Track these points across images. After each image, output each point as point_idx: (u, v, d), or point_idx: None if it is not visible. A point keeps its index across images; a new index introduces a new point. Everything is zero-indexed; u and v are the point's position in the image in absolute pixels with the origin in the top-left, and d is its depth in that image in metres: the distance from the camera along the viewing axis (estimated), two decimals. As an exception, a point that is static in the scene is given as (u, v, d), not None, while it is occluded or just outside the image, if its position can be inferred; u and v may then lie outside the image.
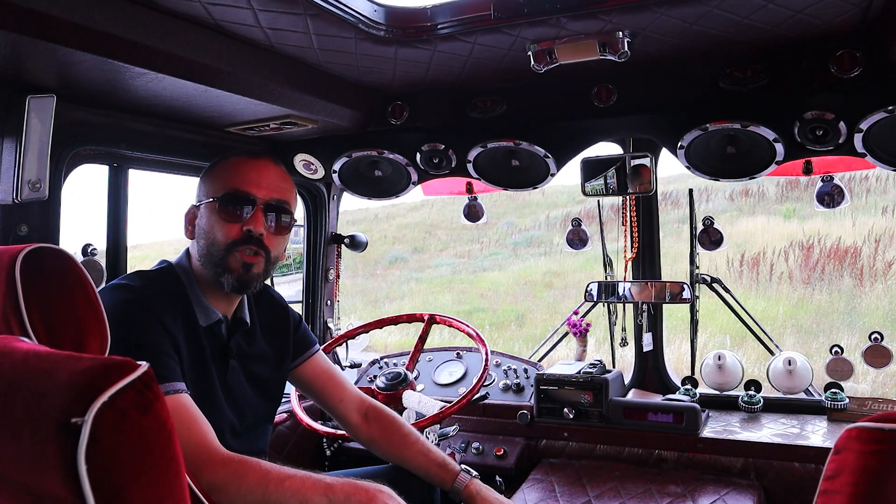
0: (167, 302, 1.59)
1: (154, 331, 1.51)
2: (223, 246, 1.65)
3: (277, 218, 1.72)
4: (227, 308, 1.75)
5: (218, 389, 1.68)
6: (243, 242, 1.66)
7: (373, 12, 1.72)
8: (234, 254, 1.65)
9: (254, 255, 1.67)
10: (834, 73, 1.89)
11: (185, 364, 1.58)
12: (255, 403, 1.80)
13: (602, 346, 5.57)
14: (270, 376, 1.86)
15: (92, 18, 1.39)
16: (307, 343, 1.97)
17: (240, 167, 1.71)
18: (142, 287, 1.58)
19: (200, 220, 1.71)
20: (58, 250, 1.06)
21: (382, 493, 1.42)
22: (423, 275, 15.42)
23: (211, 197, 1.69)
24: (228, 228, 1.66)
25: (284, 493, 1.36)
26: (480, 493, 1.81)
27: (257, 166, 1.71)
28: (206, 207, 1.70)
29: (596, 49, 1.80)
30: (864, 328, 8.51)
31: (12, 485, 0.78)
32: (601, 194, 2.46)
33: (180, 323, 1.60)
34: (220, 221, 1.66)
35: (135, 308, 1.52)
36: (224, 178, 1.70)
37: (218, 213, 1.67)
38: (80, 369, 0.72)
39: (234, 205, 1.67)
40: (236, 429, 1.72)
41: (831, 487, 0.81)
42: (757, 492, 2.13)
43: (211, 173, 1.74)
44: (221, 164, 1.74)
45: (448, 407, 2.19)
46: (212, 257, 1.66)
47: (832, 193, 2.38)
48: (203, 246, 1.69)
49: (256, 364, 1.82)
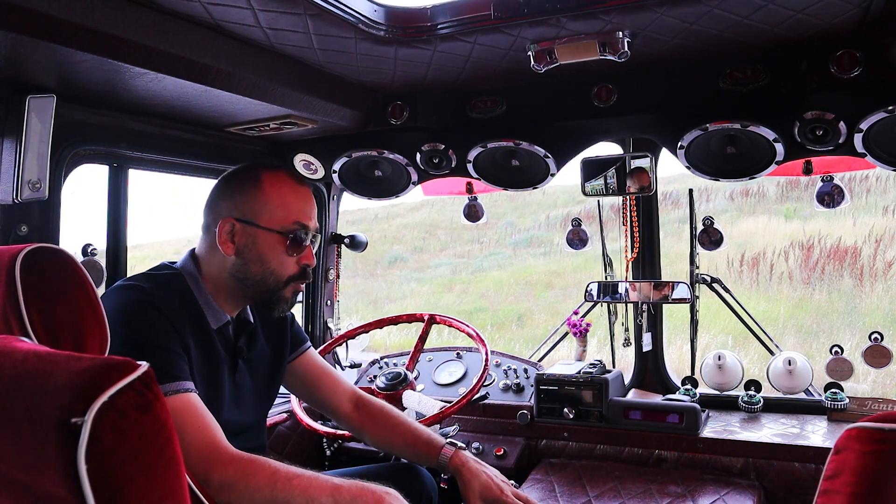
0: (176, 305, 1.60)
1: (164, 330, 1.52)
2: (284, 280, 1.69)
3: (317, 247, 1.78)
4: (234, 309, 1.76)
5: (226, 389, 1.70)
6: (301, 277, 1.71)
7: (373, 12, 1.72)
8: (290, 286, 1.71)
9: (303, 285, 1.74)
10: (834, 73, 1.89)
11: (195, 365, 1.59)
12: (258, 400, 1.83)
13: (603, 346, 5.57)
14: (272, 373, 1.88)
15: (92, 18, 1.39)
16: (300, 338, 1.99)
17: (297, 197, 1.71)
18: (152, 288, 1.58)
19: (251, 243, 1.66)
20: (58, 250, 1.06)
21: (389, 495, 1.42)
22: (423, 275, 15.41)
23: (272, 228, 1.66)
24: (290, 262, 1.69)
25: (292, 492, 1.37)
26: (466, 464, 1.80)
27: (305, 195, 1.73)
28: (265, 235, 1.66)
29: (596, 49, 1.80)
30: (864, 328, 8.51)
31: (12, 485, 0.78)
32: (601, 194, 2.46)
33: (189, 325, 1.60)
34: (285, 255, 1.68)
35: (145, 308, 1.52)
36: (285, 208, 1.68)
37: (284, 248, 1.68)
38: (80, 369, 0.73)
39: (300, 242, 1.69)
40: (240, 426, 1.73)
41: (831, 487, 0.81)
42: (757, 492, 2.13)
43: (259, 191, 1.67)
44: (275, 187, 1.69)
45: (448, 407, 2.19)
46: (266, 285, 1.68)
47: (832, 193, 2.38)
48: (257, 272, 1.67)
49: (260, 362, 1.84)
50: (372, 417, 1.95)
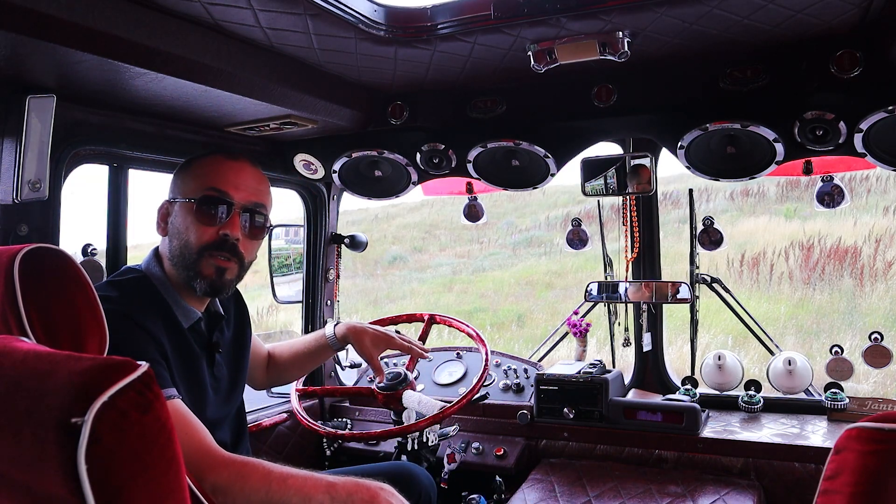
0: (147, 308, 1.57)
1: (139, 339, 1.50)
2: (196, 249, 1.62)
3: (253, 221, 1.70)
4: (201, 305, 1.74)
5: (208, 385, 1.69)
6: (217, 247, 1.63)
7: (373, 12, 1.72)
8: (207, 258, 1.63)
9: (227, 260, 1.65)
10: (834, 73, 1.89)
11: (174, 367, 1.57)
12: (235, 389, 1.83)
13: (603, 346, 5.57)
14: (242, 358, 1.90)
15: (92, 18, 1.39)
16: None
17: (219, 167, 1.68)
18: (119, 296, 1.55)
19: (174, 219, 1.67)
20: (57, 250, 1.06)
21: (384, 491, 1.42)
22: (423, 275, 15.41)
23: (187, 196, 1.65)
24: (203, 231, 1.63)
25: (287, 492, 1.37)
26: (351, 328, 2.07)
27: (235, 167, 1.69)
28: (182, 207, 1.65)
29: (596, 49, 1.80)
30: (864, 328, 8.51)
31: (12, 485, 0.78)
32: (601, 194, 2.46)
33: (163, 327, 1.58)
34: (196, 223, 1.63)
35: (116, 318, 1.46)
36: (201, 178, 1.66)
37: (194, 215, 1.63)
38: (80, 369, 0.73)
39: (211, 207, 1.63)
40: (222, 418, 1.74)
41: (831, 487, 0.81)
42: (757, 492, 2.13)
43: (188, 170, 1.71)
44: (199, 162, 1.71)
45: (448, 407, 2.19)
46: (184, 259, 1.63)
47: (832, 193, 2.38)
48: (176, 247, 1.65)
49: (233, 351, 1.85)
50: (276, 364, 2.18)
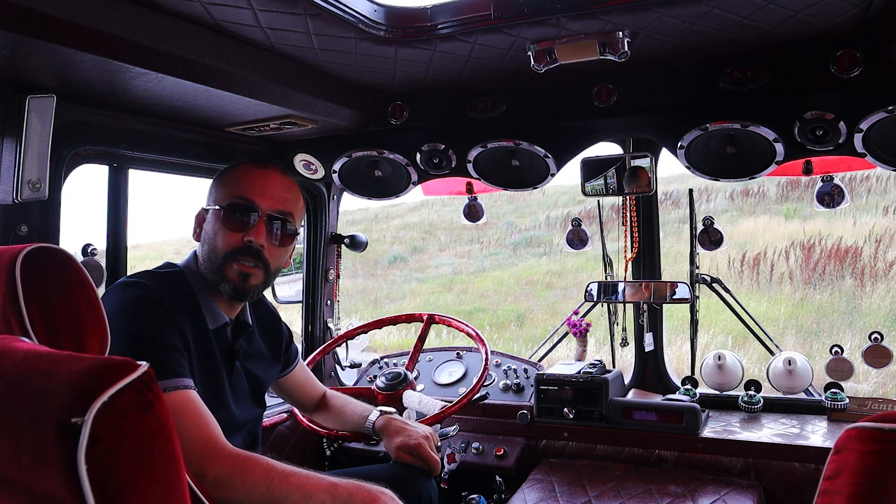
0: (178, 303, 1.62)
1: (166, 327, 1.54)
2: (222, 255, 1.67)
3: (282, 229, 1.73)
4: (231, 311, 1.78)
5: (227, 389, 1.72)
6: (242, 253, 1.67)
7: (373, 12, 1.72)
8: (231, 263, 1.67)
9: (252, 266, 1.69)
10: (834, 73, 1.89)
11: (195, 363, 1.60)
12: (253, 401, 1.85)
13: (602, 346, 5.57)
14: (266, 375, 1.92)
15: (92, 18, 1.39)
16: (293, 357, 2.11)
17: (247, 176, 1.72)
18: (155, 285, 1.60)
19: (206, 225, 1.73)
20: (58, 250, 1.06)
21: (384, 495, 1.43)
22: (423, 275, 15.41)
23: (217, 204, 1.71)
24: (230, 237, 1.67)
25: (289, 489, 1.38)
26: (389, 424, 1.97)
27: (263, 176, 1.73)
28: (213, 214, 1.72)
29: (596, 49, 1.80)
30: (864, 328, 8.51)
31: (12, 485, 0.78)
32: (601, 194, 2.46)
33: (190, 324, 1.62)
34: (223, 229, 1.68)
35: (149, 304, 1.54)
36: (231, 186, 1.72)
37: (221, 221, 1.69)
38: (80, 369, 0.72)
39: (237, 214, 1.68)
40: (237, 424, 1.75)
41: (831, 487, 0.81)
42: (757, 492, 2.13)
43: (221, 179, 1.77)
44: (231, 171, 1.77)
45: (448, 407, 2.19)
46: (211, 264, 1.69)
47: (832, 193, 2.38)
48: (205, 251, 1.72)
49: (255, 363, 1.86)
50: (325, 409, 2.18)
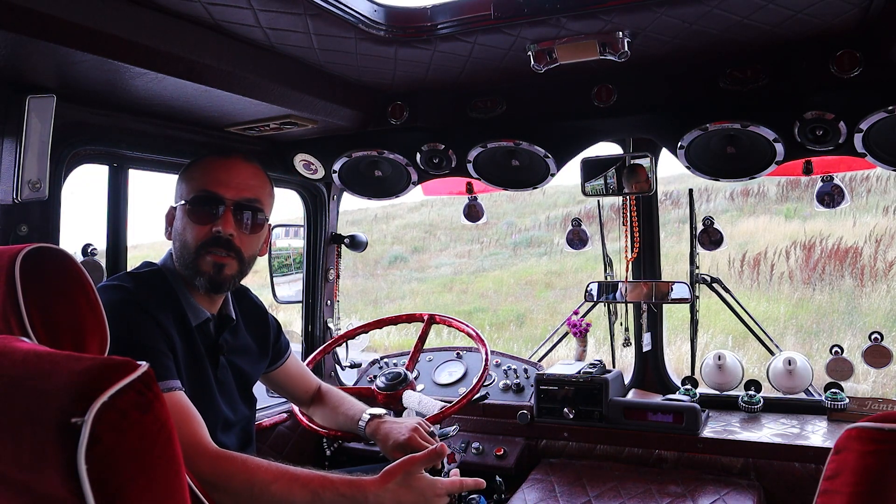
0: (160, 302, 1.62)
1: (150, 329, 1.54)
2: (193, 248, 1.68)
3: (251, 217, 1.73)
4: (213, 306, 1.78)
5: (213, 386, 1.71)
6: (213, 244, 1.68)
7: (373, 12, 1.72)
8: (204, 256, 1.68)
9: (224, 256, 1.69)
10: (834, 73, 1.89)
11: (181, 362, 1.60)
12: (242, 396, 1.85)
13: (602, 346, 5.57)
14: (253, 370, 1.92)
15: (92, 18, 1.39)
16: (283, 350, 2.09)
17: (209, 168, 1.73)
18: (135, 287, 1.60)
19: (176, 222, 1.73)
20: (58, 250, 1.06)
21: (375, 488, 1.42)
22: (423, 275, 15.42)
23: (184, 199, 1.71)
24: (198, 230, 1.68)
25: (271, 488, 1.38)
26: (379, 429, 1.91)
27: (226, 166, 1.73)
28: (180, 209, 1.72)
29: (596, 49, 1.80)
30: (864, 328, 8.51)
31: (12, 485, 0.78)
32: (601, 194, 2.46)
33: (173, 322, 1.62)
34: (191, 223, 1.68)
35: (130, 307, 1.54)
36: (195, 180, 1.72)
37: (189, 216, 1.69)
38: (80, 369, 0.72)
39: (202, 206, 1.68)
40: (229, 422, 1.75)
41: (831, 487, 0.81)
42: (757, 492, 2.13)
43: (185, 175, 1.77)
44: (194, 166, 1.77)
45: (448, 407, 2.19)
46: (184, 258, 1.69)
47: (832, 193, 2.38)
48: (178, 247, 1.72)
49: (241, 358, 1.86)
50: (321, 404, 2.15)
